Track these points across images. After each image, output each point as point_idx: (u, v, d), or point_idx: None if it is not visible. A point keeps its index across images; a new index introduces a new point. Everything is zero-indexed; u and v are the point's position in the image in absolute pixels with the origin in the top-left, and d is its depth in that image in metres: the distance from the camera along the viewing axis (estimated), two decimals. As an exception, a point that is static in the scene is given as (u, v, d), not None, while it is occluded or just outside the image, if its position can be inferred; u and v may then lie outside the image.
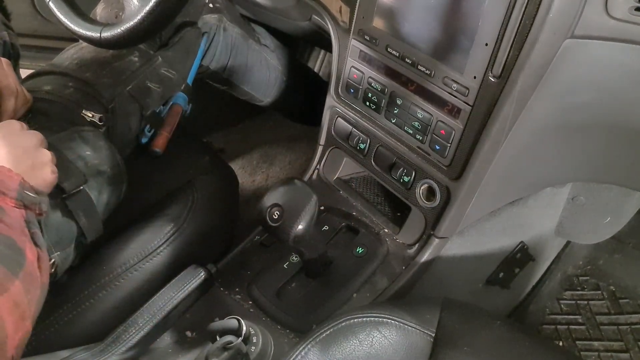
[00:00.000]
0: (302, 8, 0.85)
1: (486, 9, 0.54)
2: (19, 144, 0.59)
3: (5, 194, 0.52)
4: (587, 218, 0.94)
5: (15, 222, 0.50)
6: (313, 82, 1.28)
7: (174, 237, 0.77)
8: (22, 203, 0.53)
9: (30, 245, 0.50)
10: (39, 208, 0.56)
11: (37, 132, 0.63)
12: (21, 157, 0.58)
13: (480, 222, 0.78)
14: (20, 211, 0.53)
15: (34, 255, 0.50)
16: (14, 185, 0.53)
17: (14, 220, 0.51)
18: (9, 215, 0.50)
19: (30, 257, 0.49)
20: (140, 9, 0.63)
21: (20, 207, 0.53)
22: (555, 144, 0.68)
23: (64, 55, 0.87)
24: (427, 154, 0.68)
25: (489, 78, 0.57)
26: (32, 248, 0.50)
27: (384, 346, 0.57)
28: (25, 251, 0.49)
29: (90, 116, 0.76)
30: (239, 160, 1.43)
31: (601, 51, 0.52)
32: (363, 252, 0.75)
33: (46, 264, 0.53)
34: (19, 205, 0.53)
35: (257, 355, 0.59)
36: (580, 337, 1.02)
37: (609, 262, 1.08)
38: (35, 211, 0.55)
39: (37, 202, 0.55)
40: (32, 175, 0.57)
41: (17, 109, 0.70)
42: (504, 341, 0.58)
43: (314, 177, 0.87)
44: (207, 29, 0.95)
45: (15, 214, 0.52)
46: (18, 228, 0.50)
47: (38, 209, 0.55)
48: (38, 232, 0.54)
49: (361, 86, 0.74)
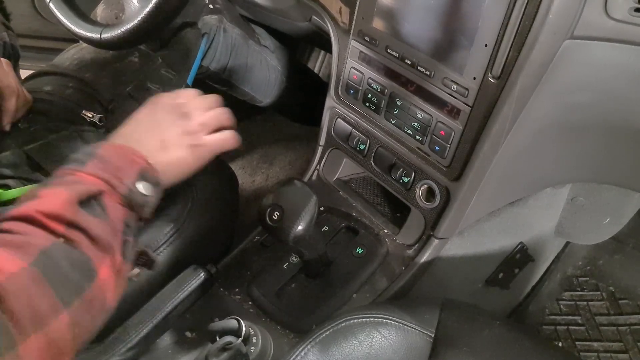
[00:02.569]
0: (302, 9, 0.85)
1: (486, 9, 0.55)
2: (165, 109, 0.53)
3: (115, 188, 0.44)
4: (586, 218, 0.94)
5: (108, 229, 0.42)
6: (313, 82, 1.28)
7: (173, 238, 0.77)
8: (129, 202, 0.45)
9: (112, 261, 0.42)
10: (144, 212, 0.47)
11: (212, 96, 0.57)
12: (159, 125, 0.52)
13: (480, 223, 0.78)
14: (124, 211, 0.45)
15: (111, 273, 0.42)
16: (131, 174, 0.46)
17: (110, 224, 0.43)
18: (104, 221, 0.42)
19: (104, 276, 0.41)
20: (140, 10, 0.63)
21: (125, 206, 0.45)
22: (555, 145, 0.68)
23: (64, 55, 0.87)
24: (426, 155, 0.69)
25: (488, 79, 0.57)
26: (113, 264, 0.42)
27: (384, 347, 0.57)
28: (99, 271, 0.40)
29: (90, 116, 0.76)
30: (239, 160, 1.43)
31: (601, 52, 0.52)
32: (363, 253, 0.75)
33: (124, 281, 0.45)
34: (124, 203, 0.45)
35: (257, 356, 0.59)
36: (580, 338, 1.02)
37: (608, 262, 1.08)
38: (140, 214, 0.47)
39: (146, 204, 0.47)
40: (161, 154, 0.50)
41: (18, 109, 0.70)
42: (503, 342, 0.58)
43: (313, 178, 0.87)
44: (207, 29, 0.95)
45: (117, 214, 0.44)
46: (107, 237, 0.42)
47: (142, 213, 0.47)
48: (132, 240, 0.46)
49: (361, 87, 0.74)
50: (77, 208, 0.41)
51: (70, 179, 0.44)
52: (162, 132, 0.53)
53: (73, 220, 0.40)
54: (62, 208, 0.40)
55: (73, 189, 0.42)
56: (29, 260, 0.36)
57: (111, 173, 0.45)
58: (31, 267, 0.36)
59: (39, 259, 0.36)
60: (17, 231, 0.38)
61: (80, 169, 0.44)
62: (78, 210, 0.41)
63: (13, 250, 0.36)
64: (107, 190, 0.44)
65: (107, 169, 0.45)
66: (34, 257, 0.36)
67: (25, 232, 0.38)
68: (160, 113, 0.55)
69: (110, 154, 0.47)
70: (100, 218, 0.42)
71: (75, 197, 0.41)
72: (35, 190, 0.42)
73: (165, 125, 0.53)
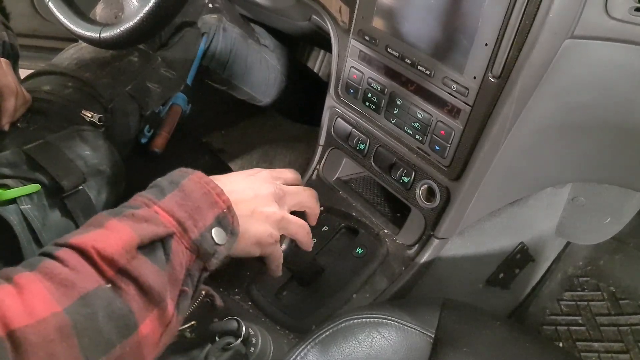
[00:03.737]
0: (301, 8, 0.85)
1: (486, 9, 0.54)
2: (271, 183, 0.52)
3: (187, 231, 0.42)
4: (587, 218, 0.94)
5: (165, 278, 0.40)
6: (313, 82, 1.28)
7: (173, 238, 0.77)
8: (198, 248, 0.43)
9: (161, 314, 0.39)
10: (211, 263, 0.45)
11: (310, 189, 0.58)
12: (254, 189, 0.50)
13: (480, 223, 0.78)
14: (190, 257, 0.42)
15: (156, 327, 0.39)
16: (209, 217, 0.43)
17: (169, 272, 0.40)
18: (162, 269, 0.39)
19: (146, 331, 0.38)
20: (139, 9, 0.63)
21: (192, 251, 0.43)
22: (555, 145, 0.68)
23: (63, 55, 0.87)
24: (426, 155, 0.68)
25: (488, 78, 0.57)
26: (161, 317, 0.39)
27: (384, 347, 0.57)
28: (141, 326, 0.37)
29: (90, 116, 0.76)
30: (239, 160, 1.43)
31: (601, 51, 0.52)
32: (363, 253, 0.75)
33: (171, 335, 0.42)
34: (192, 248, 0.42)
35: (257, 356, 0.59)
36: (581, 338, 1.02)
37: (609, 262, 1.08)
38: (205, 264, 0.44)
39: (215, 254, 0.44)
40: (254, 217, 0.49)
41: (17, 109, 0.70)
42: (503, 342, 0.58)
43: (313, 178, 0.87)
44: (207, 29, 0.95)
45: (181, 259, 0.41)
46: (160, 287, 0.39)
47: (209, 264, 0.44)
48: (190, 291, 0.43)
49: (361, 86, 0.74)
50: (135, 253, 0.39)
51: (143, 212, 0.42)
52: (256, 199, 0.51)
53: (126, 267, 0.38)
54: (119, 252, 0.38)
55: (139, 231, 0.40)
56: (65, 304, 0.35)
57: (188, 212, 0.42)
58: (64, 313, 0.34)
59: (76, 304, 0.35)
60: (67, 263, 0.37)
61: (157, 201, 0.43)
62: (136, 255, 0.39)
63: (55, 286, 0.35)
64: (177, 233, 0.42)
65: (186, 206, 0.43)
66: (72, 301, 0.35)
67: (75, 266, 0.37)
68: (259, 182, 0.53)
69: (193, 188, 0.44)
70: (159, 265, 0.40)
71: (137, 241, 0.39)
72: (104, 217, 0.41)
73: (261, 194, 0.52)
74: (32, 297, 0.34)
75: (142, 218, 0.41)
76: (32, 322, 0.33)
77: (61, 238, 0.39)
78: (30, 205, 0.62)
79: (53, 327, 0.33)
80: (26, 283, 0.35)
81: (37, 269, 0.36)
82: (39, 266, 0.36)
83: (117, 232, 0.39)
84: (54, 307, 0.34)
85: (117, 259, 0.38)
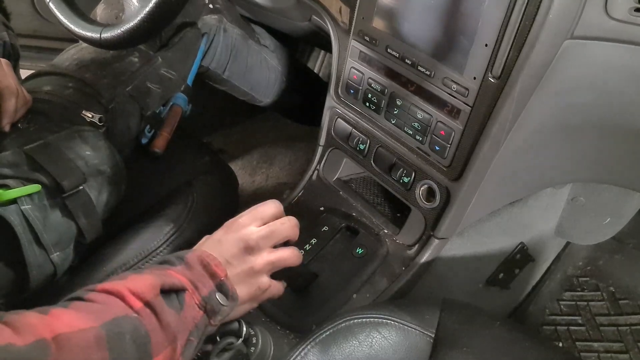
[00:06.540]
0: (302, 8, 0.85)
1: (486, 9, 0.54)
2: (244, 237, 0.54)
3: (198, 289, 0.47)
4: (587, 218, 0.94)
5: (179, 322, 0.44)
6: (313, 82, 1.28)
7: (173, 238, 0.77)
8: (206, 306, 0.47)
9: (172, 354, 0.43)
10: (215, 319, 0.49)
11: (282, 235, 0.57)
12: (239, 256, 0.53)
13: (480, 223, 0.78)
14: (198, 313, 0.47)
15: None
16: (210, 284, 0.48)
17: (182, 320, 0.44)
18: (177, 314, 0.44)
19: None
20: (140, 10, 0.63)
21: (201, 308, 0.47)
22: (555, 145, 0.68)
23: (64, 55, 0.87)
24: (427, 155, 0.68)
25: (488, 79, 0.57)
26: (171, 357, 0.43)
27: (384, 347, 0.57)
28: (154, 357, 0.41)
29: (90, 116, 0.76)
30: (239, 160, 1.43)
31: (601, 52, 0.52)
32: (363, 253, 0.75)
33: None
34: (201, 306, 0.47)
35: (257, 356, 0.59)
36: (580, 338, 1.02)
37: (608, 262, 1.08)
38: (211, 320, 0.49)
39: (219, 312, 0.49)
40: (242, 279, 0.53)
41: (18, 110, 0.70)
42: (503, 342, 0.58)
43: (313, 178, 0.87)
44: (207, 29, 0.95)
45: (192, 313, 0.46)
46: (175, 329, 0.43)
47: (214, 320, 0.49)
48: (195, 342, 0.47)
49: (361, 87, 0.74)
50: (158, 293, 0.44)
51: (160, 272, 0.47)
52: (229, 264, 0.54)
53: (151, 301, 0.43)
54: (146, 289, 0.43)
55: (160, 278, 0.45)
56: (100, 322, 0.39)
57: (196, 278, 0.48)
58: (100, 328, 0.38)
59: (110, 323, 0.39)
60: (97, 300, 0.41)
61: (170, 268, 0.48)
62: (158, 295, 0.44)
63: (86, 313, 0.39)
64: (190, 290, 0.47)
65: (193, 274, 0.48)
66: (106, 320, 0.39)
67: (105, 302, 0.41)
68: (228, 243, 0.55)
69: (195, 262, 0.50)
70: (175, 311, 0.44)
71: (159, 284, 0.44)
72: (126, 274, 0.46)
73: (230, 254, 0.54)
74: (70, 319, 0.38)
75: (161, 274, 0.46)
76: (75, 330, 0.37)
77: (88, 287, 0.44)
78: (30, 205, 0.62)
79: (92, 336, 0.37)
80: (61, 313, 0.39)
81: (69, 307, 0.40)
82: (70, 305, 0.40)
83: (142, 279, 0.44)
84: (92, 322, 0.38)
85: (144, 293, 0.43)
